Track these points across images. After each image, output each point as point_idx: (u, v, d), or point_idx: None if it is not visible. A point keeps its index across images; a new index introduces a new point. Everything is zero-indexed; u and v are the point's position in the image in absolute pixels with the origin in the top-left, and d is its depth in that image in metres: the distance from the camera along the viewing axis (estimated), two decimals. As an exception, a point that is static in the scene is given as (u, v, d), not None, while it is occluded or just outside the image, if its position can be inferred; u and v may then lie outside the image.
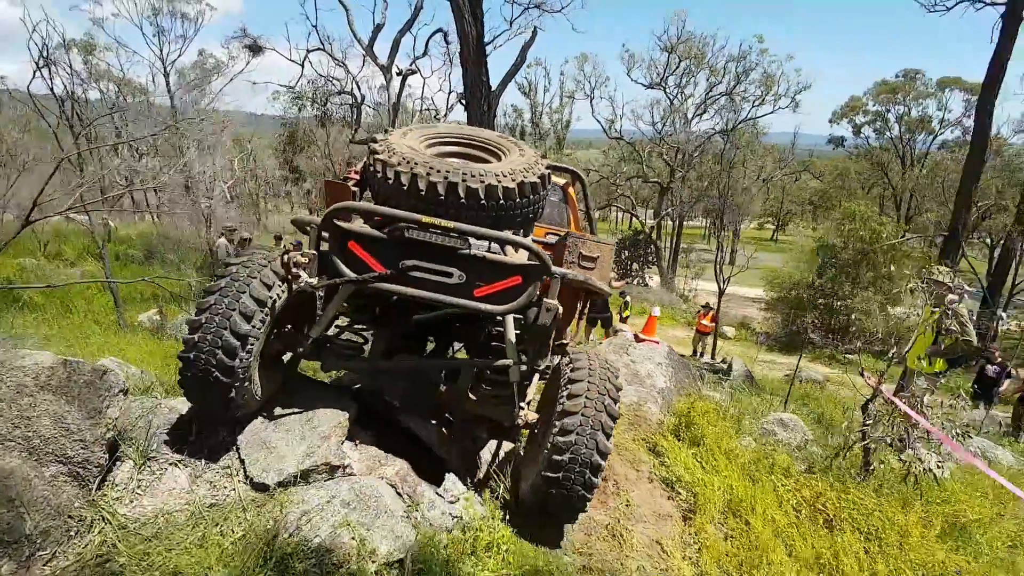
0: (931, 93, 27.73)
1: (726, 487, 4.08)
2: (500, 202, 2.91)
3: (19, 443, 2.34)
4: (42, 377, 2.43)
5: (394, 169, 2.84)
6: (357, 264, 2.77)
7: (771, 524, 3.76)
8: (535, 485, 2.95)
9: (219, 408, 2.87)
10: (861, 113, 30.28)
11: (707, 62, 25.50)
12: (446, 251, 2.77)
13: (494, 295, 2.80)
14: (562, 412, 2.88)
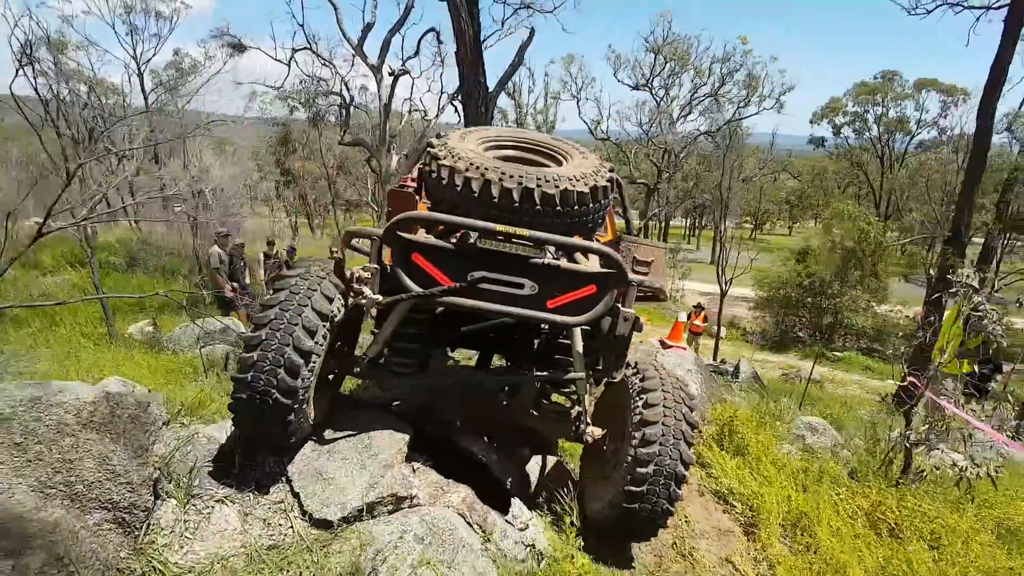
0: (908, 94, 28.41)
1: (783, 499, 3.93)
2: (574, 208, 2.73)
3: (61, 490, 2.05)
4: (84, 414, 2.14)
5: (463, 175, 2.64)
6: (422, 277, 2.58)
7: (837, 536, 3.61)
8: (614, 502, 2.85)
9: (275, 434, 2.63)
10: (841, 114, 30.87)
11: (692, 63, 25.64)
12: (516, 261, 2.61)
13: (568, 306, 2.63)
14: (641, 422, 2.81)
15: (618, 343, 2.81)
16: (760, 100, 24.55)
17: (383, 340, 2.91)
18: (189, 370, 6.35)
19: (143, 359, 6.54)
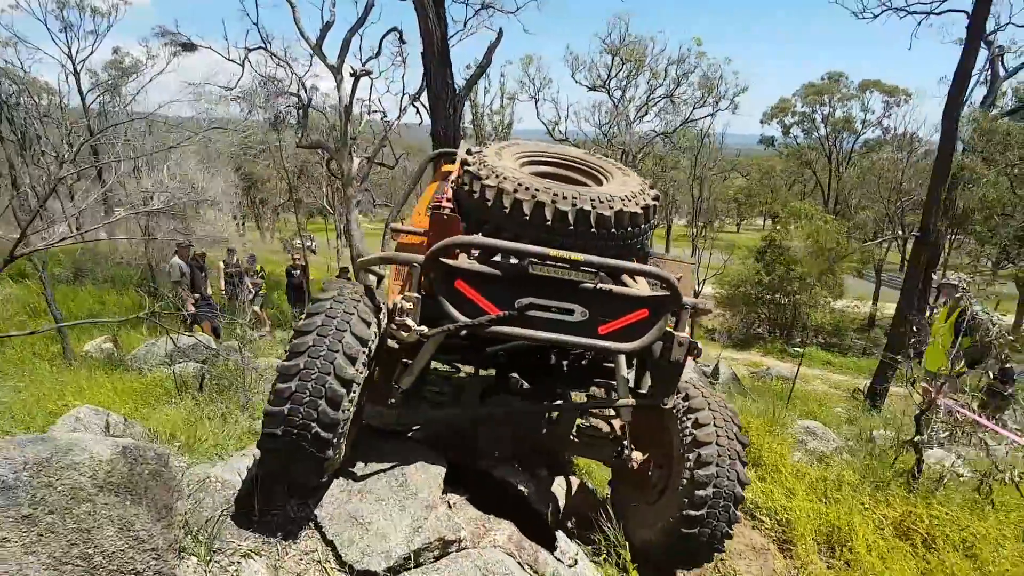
0: (854, 95, 29.74)
1: (812, 512, 3.88)
2: (627, 229, 2.65)
3: (79, 564, 1.74)
4: (100, 474, 1.83)
5: (511, 196, 2.53)
6: (466, 305, 2.41)
7: (874, 549, 3.57)
8: (669, 528, 2.76)
9: (310, 473, 2.40)
10: (790, 114, 32.02)
11: (648, 65, 25.97)
12: (565, 285, 2.46)
13: (620, 331, 2.51)
14: (694, 443, 2.75)
15: (671, 369, 2.67)
16: (715, 101, 25.14)
17: (418, 370, 2.72)
18: (160, 391, 5.87)
19: (107, 380, 6.03)
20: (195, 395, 5.73)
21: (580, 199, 2.56)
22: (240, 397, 5.57)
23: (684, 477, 2.72)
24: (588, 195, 2.61)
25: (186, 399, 5.69)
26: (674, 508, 2.74)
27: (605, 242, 2.60)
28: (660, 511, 2.88)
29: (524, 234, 2.52)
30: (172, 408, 5.42)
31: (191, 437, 4.23)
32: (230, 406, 5.39)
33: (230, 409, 5.33)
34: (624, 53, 24.86)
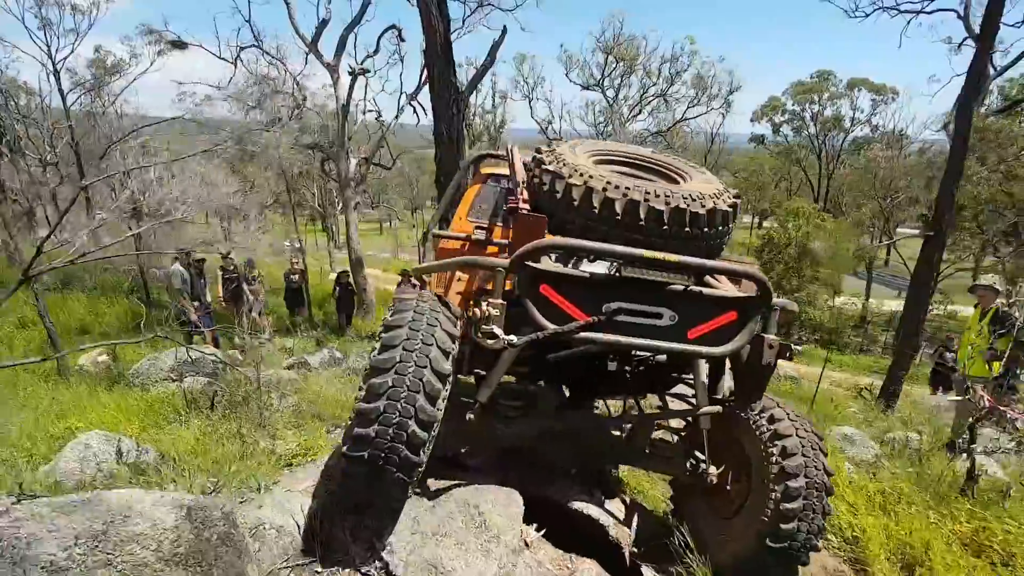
0: (842, 94, 29.89)
1: (880, 528, 3.66)
2: (718, 228, 2.56)
3: (144, 659, 1.44)
4: (165, 545, 1.54)
5: (601, 195, 2.43)
6: (552, 311, 2.28)
7: (953, 569, 3.35)
8: (757, 543, 2.62)
9: (393, 499, 2.29)
10: (780, 112, 32.09)
11: (641, 63, 25.83)
12: (652, 288, 2.33)
13: (710, 335, 2.40)
14: (782, 454, 2.64)
15: (761, 373, 2.54)
16: (709, 100, 25.09)
17: (496, 382, 2.54)
18: (167, 409, 5.50)
19: (109, 399, 5.65)
20: (207, 413, 5.37)
21: (673, 197, 2.46)
22: (255, 414, 5.23)
23: (773, 491, 2.59)
24: (680, 193, 2.50)
25: (197, 417, 5.34)
26: (761, 521, 2.60)
27: (697, 242, 2.51)
28: (743, 524, 2.73)
29: (614, 234, 2.42)
30: (183, 428, 5.07)
31: (212, 463, 3.89)
32: (245, 424, 5.05)
33: (246, 428, 4.99)
34: (618, 52, 24.66)
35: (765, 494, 2.62)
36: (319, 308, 15.31)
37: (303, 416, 5.37)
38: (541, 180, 2.63)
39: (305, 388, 5.86)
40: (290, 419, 5.26)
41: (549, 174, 2.59)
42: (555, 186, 2.54)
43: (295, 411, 5.47)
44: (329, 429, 5.22)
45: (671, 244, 2.43)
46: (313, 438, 4.74)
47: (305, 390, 5.80)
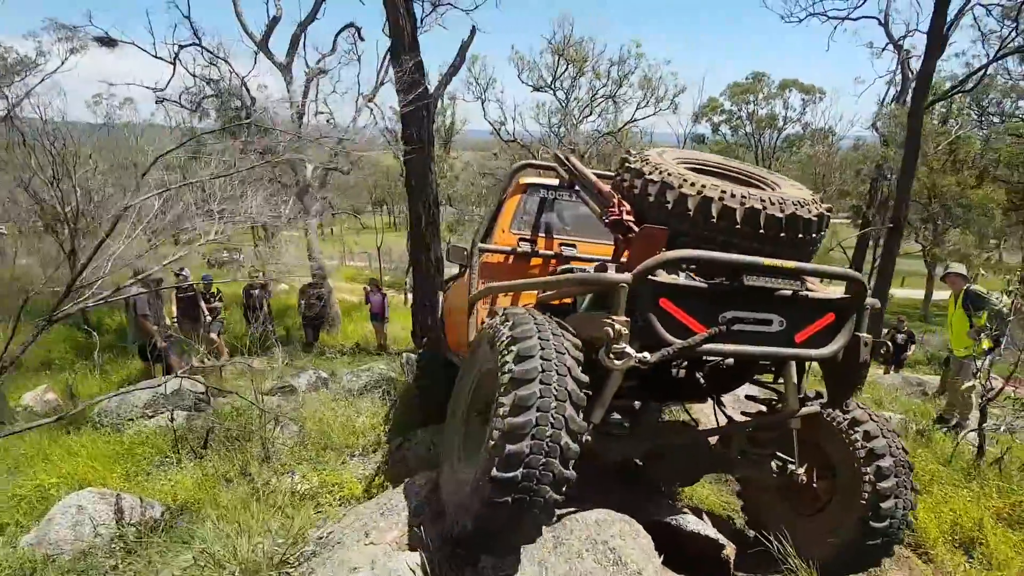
0: (776, 94, 31.36)
1: (931, 510, 3.66)
2: (819, 233, 2.61)
3: None
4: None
5: (719, 204, 2.39)
6: (672, 325, 2.26)
7: (1005, 542, 3.38)
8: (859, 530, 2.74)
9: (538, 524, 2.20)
10: (718, 112, 33.28)
11: (590, 65, 26.12)
12: (761, 295, 2.35)
13: (813, 337, 2.46)
14: (873, 454, 2.77)
15: (858, 370, 2.58)
16: (657, 102, 25.56)
17: (608, 401, 2.43)
18: (151, 453, 4.88)
19: (75, 445, 4.93)
20: (199, 452, 4.80)
21: (787, 204, 2.45)
22: (258, 448, 4.71)
23: (866, 490, 2.72)
24: (790, 199, 2.49)
25: (187, 458, 4.76)
26: (859, 508, 2.72)
27: (805, 247, 2.54)
28: (837, 517, 2.84)
29: (734, 243, 2.40)
30: (176, 471, 4.49)
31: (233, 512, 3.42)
32: (249, 461, 4.54)
33: (250, 465, 4.48)
34: (569, 54, 24.83)
35: (857, 480, 2.75)
36: (279, 322, 14.46)
37: (311, 447, 4.89)
38: (644, 190, 2.56)
39: (304, 415, 5.35)
40: (298, 451, 4.78)
41: (654, 184, 2.53)
42: (665, 196, 2.48)
43: (300, 442, 4.98)
44: (345, 460, 4.78)
45: (786, 251, 2.43)
46: (335, 472, 4.31)
47: (305, 417, 5.30)
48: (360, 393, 6.64)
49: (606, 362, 2.13)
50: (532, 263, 3.91)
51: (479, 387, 2.72)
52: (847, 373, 2.61)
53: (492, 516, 2.06)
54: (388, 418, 5.69)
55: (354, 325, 16.40)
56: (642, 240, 2.36)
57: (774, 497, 3.20)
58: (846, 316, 2.48)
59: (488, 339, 2.49)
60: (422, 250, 11.73)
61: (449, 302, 5.37)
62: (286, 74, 12.84)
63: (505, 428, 2.00)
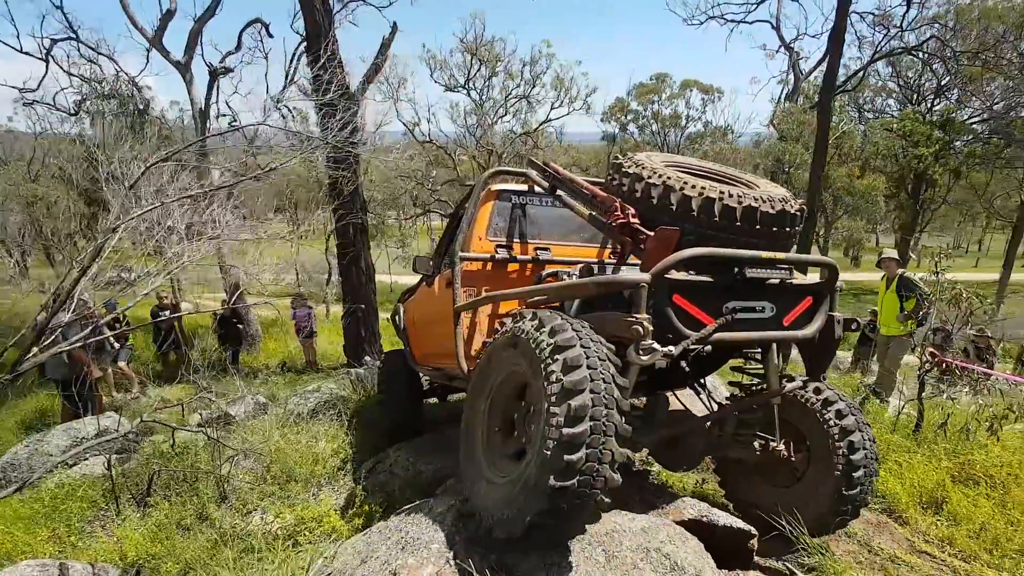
0: (678, 94, 33.09)
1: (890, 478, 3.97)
2: (799, 226, 2.82)
3: None
4: None
5: (721, 203, 2.55)
6: (685, 318, 2.43)
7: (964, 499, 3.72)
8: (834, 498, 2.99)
9: (582, 528, 2.32)
10: (625, 112, 34.58)
11: (503, 65, 26.28)
12: (754, 285, 2.59)
13: (797, 320, 2.73)
14: (844, 430, 3.01)
15: (833, 346, 2.89)
16: (571, 102, 26.15)
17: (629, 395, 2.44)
18: (82, 507, 4.25)
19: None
20: (141, 499, 4.25)
21: (775, 201, 2.64)
22: (212, 489, 4.25)
23: (840, 461, 2.97)
24: (777, 197, 2.69)
25: (127, 508, 4.20)
26: (830, 487, 2.98)
27: (789, 239, 2.76)
28: (813, 487, 3.09)
29: (732, 238, 2.56)
30: (118, 526, 3.95)
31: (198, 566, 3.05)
32: (201, 504, 4.09)
33: (206, 508, 4.03)
34: (481, 53, 24.85)
35: (831, 454, 3.00)
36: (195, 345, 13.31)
37: (272, 480, 4.48)
38: (647, 194, 2.67)
39: (260, 446, 4.90)
40: (259, 487, 4.36)
41: (656, 187, 2.64)
42: (669, 198, 2.61)
43: (260, 477, 4.55)
44: (313, 491, 4.42)
45: (775, 244, 2.64)
46: (309, 506, 3.95)
47: (260, 448, 4.86)
48: (311, 416, 6.20)
49: (634, 358, 2.23)
50: (510, 269, 3.87)
51: (499, 392, 2.73)
52: (823, 349, 2.90)
53: (546, 520, 2.12)
54: (350, 440, 5.35)
55: (275, 343, 15.45)
56: (657, 241, 2.42)
57: (752, 473, 3.41)
58: (822, 299, 2.77)
59: (511, 343, 2.51)
60: (352, 260, 11.24)
61: (412, 314, 5.20)
62: (186, 73, 11.80)
63: (563, 438, 2.02)
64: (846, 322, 2.86)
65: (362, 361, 10.79)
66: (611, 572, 2.09)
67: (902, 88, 24.54)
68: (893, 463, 4.21)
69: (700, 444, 3.23)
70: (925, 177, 21.73)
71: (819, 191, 10.95)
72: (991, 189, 27.48)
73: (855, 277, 29.76)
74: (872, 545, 3.32)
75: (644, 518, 2.42)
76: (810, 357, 3.03)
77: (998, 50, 15.36)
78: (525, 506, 2.13)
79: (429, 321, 4.49)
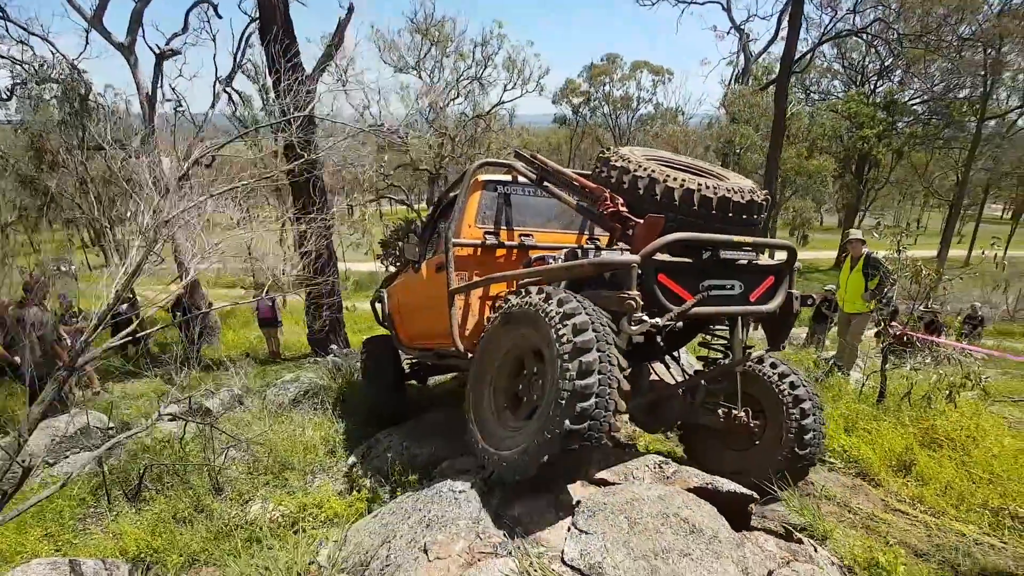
0: (629, 75, 33.44)
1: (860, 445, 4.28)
2: (764, 214, 3.14)
3: None
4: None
5: (699, 194, 2.86)
6: (669, 295, 2.76)
7: (931, 462, 4.07)
8: (789, 456, 3.35)
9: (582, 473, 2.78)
10: (577, 93, 34.74)
11: (453, 47, 25.95)
12: (726, 265, 2.91)
13: (762, 296, 3.05)
14: (797, 399, 3.39)
15: (791, 320, 3.24)
16: (523, 83, 26.15)
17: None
18: (71, 505, 4.16)
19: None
20: (131, 495, 4.18)
21: (744, 191, 2.95)
22: (205, 480, 4.21)
23: (793, 425, 3.35)
24: (746, 188, 3.01)
25: (119, 503, 4.12)
26: (784, 448, 3.36)
27: (755, 225, 3.07)
28: (770, 449, 3.46)
29: (708, 225, 2.86)
30: (113, 522, 3.88)
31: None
32: (196, 496, 4.06)
33: (203, 500, 4.01)
34: (431, 34, 24.42)
35: (785, 419, 3.37)
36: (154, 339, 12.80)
37: (266, 470, 4.48)
38: (634, 185, 2.97)
39: (245, 437, 4.86)
40: (254, 477, 4.36)
41: (643, 179, 2.94)
42: (654, 189, 2.90)
43: (251, 467, 4.53)
44: (309, 479, 4.44)
45: (744, 229, 2.95)
46: (308, 493, 3.99)
47: (249, 439, 4.82)
48: (293, 406, 6.16)
49: (626, 328, 2.56)
50: (498, 254, 4.09)
51: (506, 357, 3.07)
52: (783, 322, 3.24)
53: (557, 461, 2.42)
54: (337, 428, 5.37)
55: (234, 333, 15.04)
56: (646, 227, 2.75)
57: (715, 440, 3.78)
58: (783, 277, 3.10)
59: (515, 316, 2.88)
60: (315, 247, 11.04)
61: (397, 298, 5.39)
62: (129, 56, 11.18)
63: (577, 388, 2.35)
64: (802, 298, 3.19)
65: (328, 350, 10.69)
66: (635, 537, 2.25)
67: (847, 70, 25.61)
68: (863, 431, 4.53)
69: (675, 409, 3.63)
70: (869, 157, 22.81)
71: (776, 173, 11.42)
72: (931, 169, 29.05)
73: (802, 256, 30.96)
74: (851, 506, 3.58)
75: (659, 487, 2.59)
76: (771, 329, 3.37)
77: (940, 33, 16.23)
78: (539, 449, 2.43)
79: (419, 304, 4.70)
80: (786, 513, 3.19)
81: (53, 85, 11.63)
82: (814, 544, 2.67)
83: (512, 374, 3.04)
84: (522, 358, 2.96)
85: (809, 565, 2.29)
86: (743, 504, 2.80)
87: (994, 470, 3.95)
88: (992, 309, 18.34)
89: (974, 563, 2.93)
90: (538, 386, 2.76)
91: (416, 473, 3.96)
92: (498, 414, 3.03)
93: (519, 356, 2.98)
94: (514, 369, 3.04)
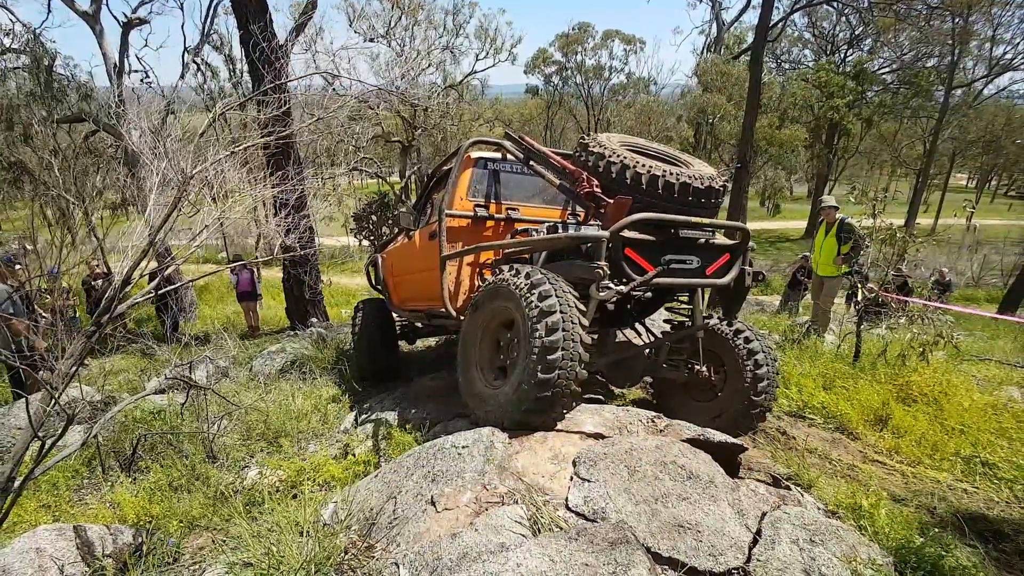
0: (600, 44, 33.08)
1: (841, 402, 4.51)
2: (722, 199, 3.52)
3: None
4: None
5: (663, 179, 3.24)
6: (635, 267, 3.09)
7: (907, 416, 4.32)
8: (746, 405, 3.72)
9: (559, 417, 2.98)
10: (549, 63, 34.28)
11: (424, 15, 25.32)
12: (686, 242, 3.29)
13: (718, 271, 3.40)
14: (750, 352, 3.76)
15: (744, 292, 3.61)
16: (496, 53, 25.71)
17: (589, 324, 3.12)
18: (66, 476, 4.15)
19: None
20: (125, 465, 4.18)
21: (704, 179, 3.32)
22: (200, 448, 4.24)
23: (747, 377, 3.72)
24: (705, 174, 3.37)
25: (115, 473, 4.12)
26: (742, 396, 3.72)
27: (714, 208, 3.46)
28: (729, 399, 3.84)
29: (670, 207, 3.25)
30: (110, 492, 3.89)
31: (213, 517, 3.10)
32: (191, 465, 4.08)
33: (198, 468, 4.03)
34: (402, 2, 23.78)
35: (742, 372, 3.74)
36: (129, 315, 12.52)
37: (261, 438, 4.51)
38: (608, 169, 3.32)
39: (234, 406, 4.88)
40: (249, 445, 4.40)
41: (615, 165, 3.29)
42: (624, 174, 3.27)
43: (244, 435, 4.56)
44: (303, 445, 4.49)
45: (702, 211, 3.34)
46: (306, 458, 4.04)
47: (241, 408, 4.84)
48: (280, 376, 6.17)
49: (595, 295, 2.92)
50: (487, 225, 4.45)
51: (488, 324, 3.42)
52: (736, 294, 3.62)
53: (536, 407, 2.80)
54: (326, 396, 5.41)
55: (210, 308, 14.83)
56: (615, 207, 3.14)
57: (682, 392, 4.19)
58: (737, 254, 3.44)
59: (494, 291, 3.25)
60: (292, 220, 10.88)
61: (391, 263, 5.82)
62: (95, 25, 10.67)
63: (545, 344, 2.73)
64: (755, 274, 3.56)
65: (307, 323, 10.63)
66: (636, 483, 2.37)
67: (817, 39, 25.84)
68: (841, 388, 4.75)
69: (640, 366, 4.03)
70: (839, 127, 23.21)
71: (751, 141, 11.56)
72: (899, 138, 29.68)
73: (774, 226, 31.52)
74: (832, 458, 3.79)
75: (656, 438, 2.72)
76: (725, 301, 3.73)
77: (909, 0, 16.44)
78: (520, 399, 2.83)
79: (412, 268, 5.09)
80: (772, 464, 3.39)
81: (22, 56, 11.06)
82: (800, 491, 2.84)
83: (493, 339, 3.42)
84: (502, 324, 3.32)
85: (799, 508, 2.45)
86: (733, 454, 2.96)
87: (965, 422, 4.21)
88: (959, 275, 19.17)
89: (948, 506, 3.16)
90: (515, 346, 3.11)
91: (409, 435, 4.05)
92: (483, 372, 3.40)
93: (501, 323, 3.33)
94: (495, 335, 3.41)
